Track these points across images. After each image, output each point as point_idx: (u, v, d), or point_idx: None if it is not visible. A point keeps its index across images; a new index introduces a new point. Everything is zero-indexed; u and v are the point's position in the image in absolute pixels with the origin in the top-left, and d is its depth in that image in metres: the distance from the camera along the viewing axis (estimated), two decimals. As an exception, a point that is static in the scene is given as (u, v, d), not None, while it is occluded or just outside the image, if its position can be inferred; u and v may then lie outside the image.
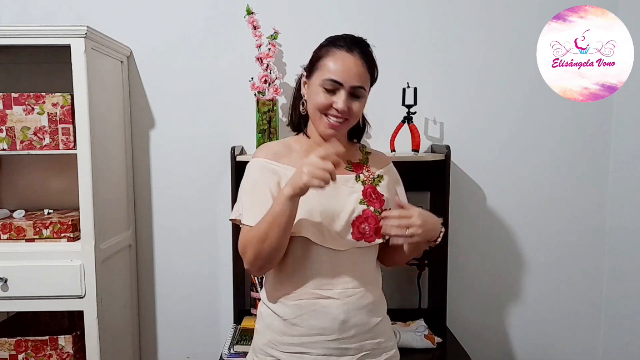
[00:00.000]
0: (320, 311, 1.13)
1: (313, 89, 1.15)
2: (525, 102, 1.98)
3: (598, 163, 2.01)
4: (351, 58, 1.11)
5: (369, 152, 1.29)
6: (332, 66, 1.11)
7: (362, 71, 1.12)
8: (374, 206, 1.17)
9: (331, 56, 1.12)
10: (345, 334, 1.14)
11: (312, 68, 1.17)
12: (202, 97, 1.96)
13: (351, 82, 1.11)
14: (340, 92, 1.12)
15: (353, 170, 1.22)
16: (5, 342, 1.62)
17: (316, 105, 1.14)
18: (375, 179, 1.23)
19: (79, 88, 1.55)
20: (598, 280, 2.06)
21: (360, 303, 1.15)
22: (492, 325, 2.07)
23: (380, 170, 1.25)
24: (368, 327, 1.16)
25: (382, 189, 1.22)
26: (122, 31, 1.87)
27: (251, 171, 1.18)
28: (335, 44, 1.14)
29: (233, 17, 1.88)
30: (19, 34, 1.54)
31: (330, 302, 1.14)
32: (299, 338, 1.14)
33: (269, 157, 1.18)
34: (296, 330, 1.15)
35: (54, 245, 1.62)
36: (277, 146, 1.23)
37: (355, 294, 1.15)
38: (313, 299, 1.14)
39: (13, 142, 1.58)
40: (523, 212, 2.02)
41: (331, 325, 1.13)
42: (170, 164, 1.98)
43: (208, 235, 2.00)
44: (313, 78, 1.16)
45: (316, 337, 1.13)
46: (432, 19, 1.94)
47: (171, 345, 2.05)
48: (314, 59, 1.17)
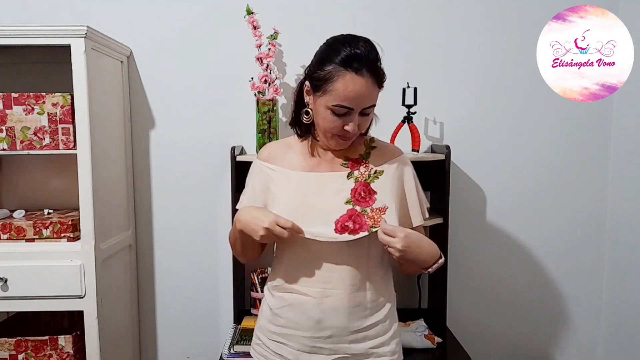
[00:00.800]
0: (297, 306, 1.15)
1: (320, 109, 1.11)
2: (525, 102, 1.98)
3: (598, 163, 2.01)
4: (361, 80, 1.05)
5: (373, 147, 1.24)
6: (342, 91, 1.06)
7: (372, 90, 1.08)
8: (361, 205, 1.14)
9: (341, 81, 1.06)
10: (320, 334, 1.14)
11: (317, 86, 1.10)
12: (202, 97, 1.96)
13: (362, 105, 1.08)
14: (351, 115, 1.09)
15: (349, 167, 1.19)
16: (5, 342, 1.62)
17: (326, 128, 1.12)
18: (371, 176, 1.18)
19: (79, 88, 1.55)
20: (598, 280, 2.06)
21: (339, 305, 1.13)
22: (492, 325, 2.07)
23: (382, 166, 1.19)
24: (348, 330, 1.14)
25: (378, 185, 1.17)
26: (122, 31, 1.87)
27: (250, 171, 1.25)
28: (343, 62, 1.06)
29: (233, 17, 1.88)
30: (19, 34, 1.54)
31: (307, 300, 1.14)
32: (279, 328, 1.19)
33: (263, 159, 1.23)
34: (278, 320, 1.19)
35: (54, 245, 1.62)
36: (275, 147, 1.26)
37: (333, 295, 1.13)
38: (293, 294, 1.17)
39: (13, 142, 1.58)
40: (523, 212, 2.02)
41: (306, 322, 1.15)
42: (170, 164, 1.98)
43: (208, 235, 2.00)
44: (320, 98, 1.10)
45: (293, 330, 1.16)
46: (432, 19, 1.94)
47: (171, 345, 2.05)
48: (321, 79, 1.09)
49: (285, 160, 1.21)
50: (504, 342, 2.08)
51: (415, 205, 1.20)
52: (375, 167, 1.19)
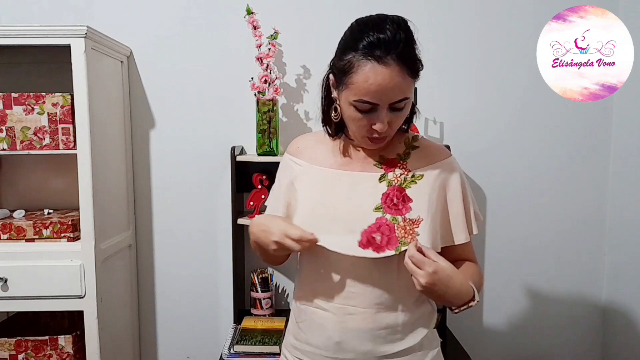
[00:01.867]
0: (317, 323, 1.04)
1: (344, 105, 0.98)
2: (525, 102, 1.98)
3: (598, 163, 2.01)
4: (384, 71, 0.90)
5: (415, 146, 1.07)
6: (362, 85, 0.91)
7: (399, 81, 0.91)
8: (392, 213, 0.99)
9: (360, 72, 0.91)
10: (340, 355, 1.01)
11: (339, 79, 0.97)
12: (202, 97, 1.96)
13: (389, 100, 0.93)
14: (378, 111, 0.94)
15: (382, 168, 1.04)
16: (5, 342, 1.62)
17: (354, 128, 1.00)
18: (407, 180, 1.03)
19: (79, 88, 1.55)
20: (598, 280, 2.06)
21: (363, 326, 1.00)
22: (492, 325, 2.07)
23: (423, 169, 1.03)
24: (374, 355, 1.00)
25: (415, 191, 1.01)
26: (122, 31, 1.87)
27: (279, 167, 1.16)
28: (364, 50, 0.91)
29: (233, 17, 1.88)
30: (19, 34, 1.54)
31: (327, 316, 1.02)
32: (300, 344, 1.08)
33: (291, 152, 1.13)
34: (300, 335, 1.08)
35: (54, 245, 1.62)
36: (305, 139, 1.15)
37: (356, 314, 1.00)
38: (313, 307, 1.05)
39: (13, 142, 1.58)
40: (523, 212, 2.02)
41: (325, 343, 1.02)
42: (170, 164, 1.98)
43: (208, 235, 2.00)
44: (343, 93, 0.97)
45: (313, 348, 1.05)
46: (432, 19, 1.94)
47: (171, 345, 2.05)
48: (342, 70, 0.95)
49: (313, 154, 1.09)
50: (504, 342, 2.08)
51: (459, 219, 1.04)
52: (413, 171, 1.03)
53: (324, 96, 1.06)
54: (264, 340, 1.66)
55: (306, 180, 1.07)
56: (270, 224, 0.98)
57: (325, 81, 1.05)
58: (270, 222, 0.98)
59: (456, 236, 1.04)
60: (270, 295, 1.91)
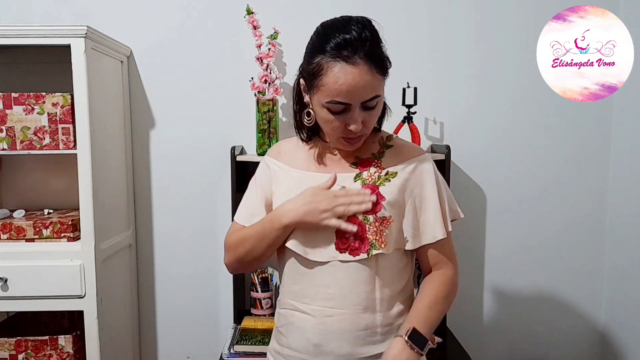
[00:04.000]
0: (296, 326, 1.03)
1: (317, 108, 0.99)
2: (525, 102, 1.98)
3: (598, 163, 2.01)
4: (354, 70, 0.91)
5: (390, 145, 1.09)
6: (333, 86, 0.92)
7: (369, 79, 0.92)
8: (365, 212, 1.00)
9: (330, 74, 0.92)
10: (319, 358, 1.01)
11: (310, 83, 0.99)
12: (202, 97, 1.96)
13: (360, 99, 0.94)
14: (350, 111, 0.95)
15: (358, 167, 1.06)
16: (5, 342, 1.62)
17: (328, 130, 1.01)
18: (381, 178, 1.03)
19: (79, 88, 1.55)
20: (598, 280, 2.06)
21: (342, 327, 0.99)
22: (492, 325, 2.07)
23: (397, 167, 1.04)
24: (354, 358, 1.00)
25: (388, 189, 1.02)
26: (122, 31, 1.87)
27: (257, 170, 1.16)
28: (332, 52, 0.92)
29: (233, 17, 1.88)
30: (19, 34, 1.54)
31: (306, 319, 1.02)
32: (282, 348, 1.08)
33: (272, 156, 1.14)
34: (282, 339, 1.08)
35: (54, 245, 1.62)
36: (286, 144, 1.16)
37: (335, 315, 0.99)
38: (292, 311, 1.05)
39: (13, 142, 1.58)
40: (523, 212, 2.02)
41: (304, 345, 1.02)
42: (170, 164, 1.98)
43: (208, 235, 2.00)
44: (314, 96, 0.98)
45: (292, 352, 1.05)
46: (432, 18, 1.94)
47: (171, 345, 2.05)
48: (312, 73, 0.96)
49: (293, 158, 1.11)
50: (504, 342, 2.08)
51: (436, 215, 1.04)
52: (387, 169, 1.05)
53: (296, 101, 1.08)
54: (264, 340, 1.66)
55: (284, 182, 1.08)
56: (310, 195, 0.99)
57: (296, 86, 1.06)
58: (308, 194, 1.00)
59: (432, 233, 1.04)
60: (270, 295, 1.91)
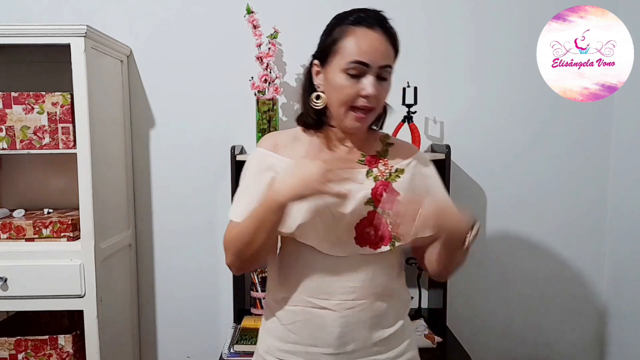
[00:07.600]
0: (315, 321, 1.04)
1: (333, 76, 1.00)
2: (525, 102, 1.98)
3: (598, 163, 2.01)
4: (374, 35, 0.98)
5: (391, 143, 1.13)
6: (355, 46, 0.97)
7: (387, 48, 0.99)
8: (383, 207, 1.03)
9: (351, 35, 0.98)
10: (342, 349, 1.03)
11: (327, 53, 1.01)
12: (202, 97, 1.95)
13: (379, 62, 0.98)
14: (367, 75, 0.98)
15: (366, 164, 1.08)
16: (5, 341, 1.62)
17: (342, 97, 1.00)
18: (391, 174, 1.07)
19: (78, 87, 1.55)
20: (598, 280, 2.06)
21: (362, 317, 1.03)
22: (492, 325, 2.07)
23: (402, 163, 1.09)
24: (371, 342, 1.05)
25: (400, 185, 1.06)
26: (122, 30, 1.87)
27: (249, 163, 1.09)
28: (352, 21, 0.99)
29: (233, 16, 1.88)
30: (19, 33, 1.54)
31: (326, 314, 1.03)
32: (293, 346, 1.06)
33: (268, 148, 1.08)
34: (291, 337, 1.06)
35: (54, 245, 1.62)
36: (281, 136, 1.12)
37: (356, 307, 1.03)
38: (307, 307, 1.04)
39: (13, 141, 1.58)
40: (523, 212, 2.02)
41: (326, 338, 1.03)
42: (170, 163, 1.98)
43: (208, 234, 2.00)
44: (331, 64, 1.01)
45: (310, 347, 1.04)
46: (432, 18, 1.94)
47: (171, 345, 2.05)
48: (329, 43, 1.01)
49: (292, 151, 1.07)
50: (504, 341, 2.08)
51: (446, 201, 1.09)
52: (395, 166, 1.09)
53: (305, 88, 1.10)
54: (263, 340, 1.66)
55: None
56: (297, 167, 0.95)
57: (306, 73, 1.10)
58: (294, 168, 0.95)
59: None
60: (270, 295, 1.91)
